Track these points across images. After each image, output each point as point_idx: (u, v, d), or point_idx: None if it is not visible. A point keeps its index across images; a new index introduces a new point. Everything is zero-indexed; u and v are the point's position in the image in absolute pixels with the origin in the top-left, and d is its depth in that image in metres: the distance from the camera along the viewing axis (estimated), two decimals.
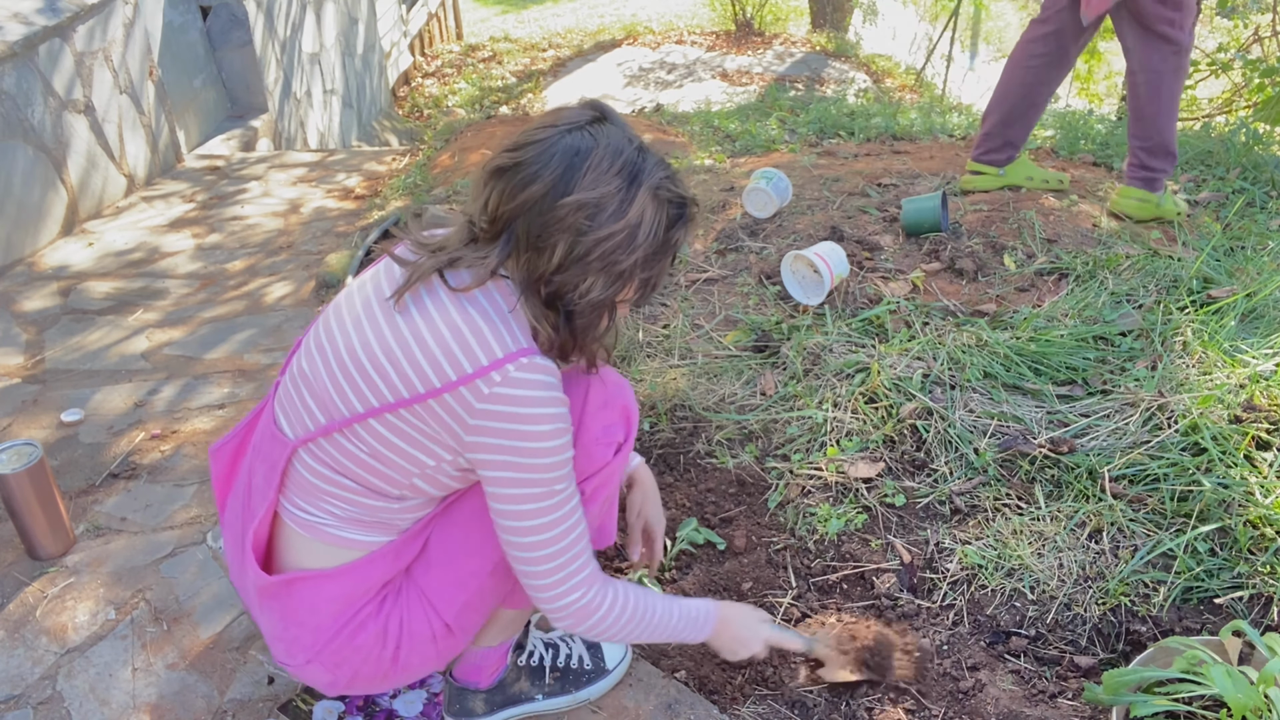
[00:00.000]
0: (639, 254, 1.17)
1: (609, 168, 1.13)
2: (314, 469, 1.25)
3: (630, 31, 10.53)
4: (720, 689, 1.67)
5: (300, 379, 1.27)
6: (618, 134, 1.17)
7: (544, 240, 1.14)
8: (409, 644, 1.33)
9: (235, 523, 1.39)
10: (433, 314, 1.17)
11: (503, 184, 1.16)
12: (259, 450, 1.34)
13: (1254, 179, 3.40)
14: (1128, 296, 2.53)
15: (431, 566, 1.33)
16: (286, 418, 1.29)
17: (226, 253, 3.57)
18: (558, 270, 1.15)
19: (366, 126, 7.23)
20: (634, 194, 1.15)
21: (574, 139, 1.14)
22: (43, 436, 2.37)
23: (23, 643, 1.77)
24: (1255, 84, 5.63)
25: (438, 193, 3.94)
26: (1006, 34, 14.75)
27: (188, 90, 4.76)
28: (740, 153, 4.24)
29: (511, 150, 1.17)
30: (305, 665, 1.31)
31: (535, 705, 1.59)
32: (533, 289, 1.18)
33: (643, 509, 1.65)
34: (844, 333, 2.45)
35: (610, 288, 1.18)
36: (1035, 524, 1.87)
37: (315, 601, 1.28)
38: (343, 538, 1.28)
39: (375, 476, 1.23)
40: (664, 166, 1.19)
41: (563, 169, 1.13)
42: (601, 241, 1.14)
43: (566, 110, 1.20)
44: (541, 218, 1.13)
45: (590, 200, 1.13)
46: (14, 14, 3.54)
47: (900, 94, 8.25)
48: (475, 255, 1.18)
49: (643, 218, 1.16)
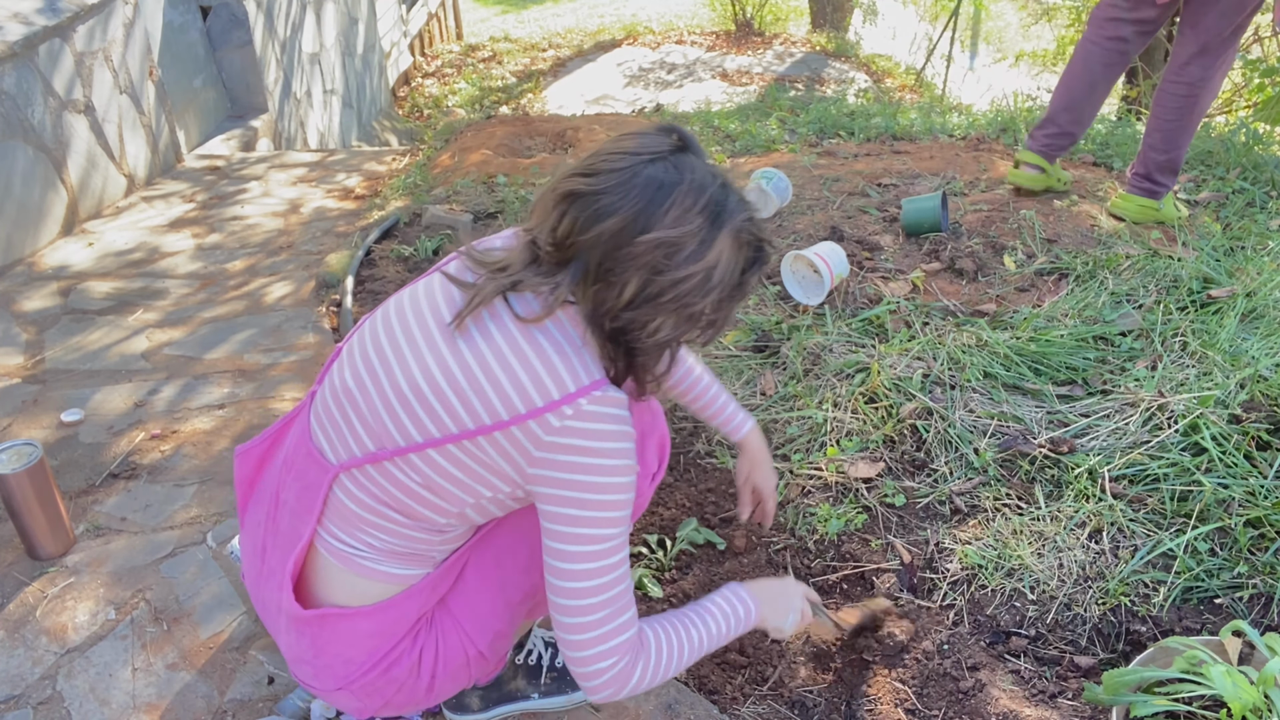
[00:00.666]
0: (713, 297, 1.12)
1: (692, 205, 1.08)
2: (357, 497, 1.20)
3: (630, 31, 10.53)
4: (720, 689, 1.67)
5: (345, 398, 1.20)
6: (701, 168, 1.12)
7: (616, 275, 1.08)
8: (444, 672, 1.31)
9: (256, 530, 1.36)
10: (499, 343, 1.11)
11: (577, 211, 1.09)
12: (293, 467, 1.29)
13: (1254, 179, 3.40)
14: (1128, 296, 2.53)
15: (468, 596, 1.31)
16: (327, 438, 1.23)
17: (226, 253, 3.57)
18: (627, 307, 1.09)
19: (366, 126, 7.23)
20: (715, 235, 1.09)
21: (656, 170, 1.09)
22: (43, 436, 2.37)
23: (23, 643, 1.77)
24: (1255, 84, 5.63)
25: (438, 193, 3.94)
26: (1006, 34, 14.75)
27: (188, 90, 4.76)
28: (740, 153, 4.24)
29: (588, 175, 1.10)
30: (335, 692, 1.29)
31: (530, 703, 1.59)
32: (597, 323, 1.12)
33: (750, 474, 1.69)
34: (844, 333, 2.45)
35: (679, 328, 1.13)
36: (1035, 524, 1.87)
37: (351, 638, 1.25)
38: (379, 570, 1.24)
39: (425, 507, 1.19)
40: (746, 206, 1.14)
41: (644, 203, 1.07)
42: (678, 283, 1.08)
43: (646, 135, 1.14)
44: (617, 252, 1.07)
45: (670, 239, 1.07)
46: (14, 14, 3.54)
47: (900, 94, 8.25)
48: (539, 280, 1.12)
49: (720, 260, 1.10)
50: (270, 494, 1.35)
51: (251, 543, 1.38)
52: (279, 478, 1.33)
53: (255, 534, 1.37)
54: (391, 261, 3.29)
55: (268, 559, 1.33)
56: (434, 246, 3.35)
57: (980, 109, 5.90)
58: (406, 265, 3.29)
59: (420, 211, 3.67)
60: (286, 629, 1.28)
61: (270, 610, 1.33)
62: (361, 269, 3.24)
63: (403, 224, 3.62)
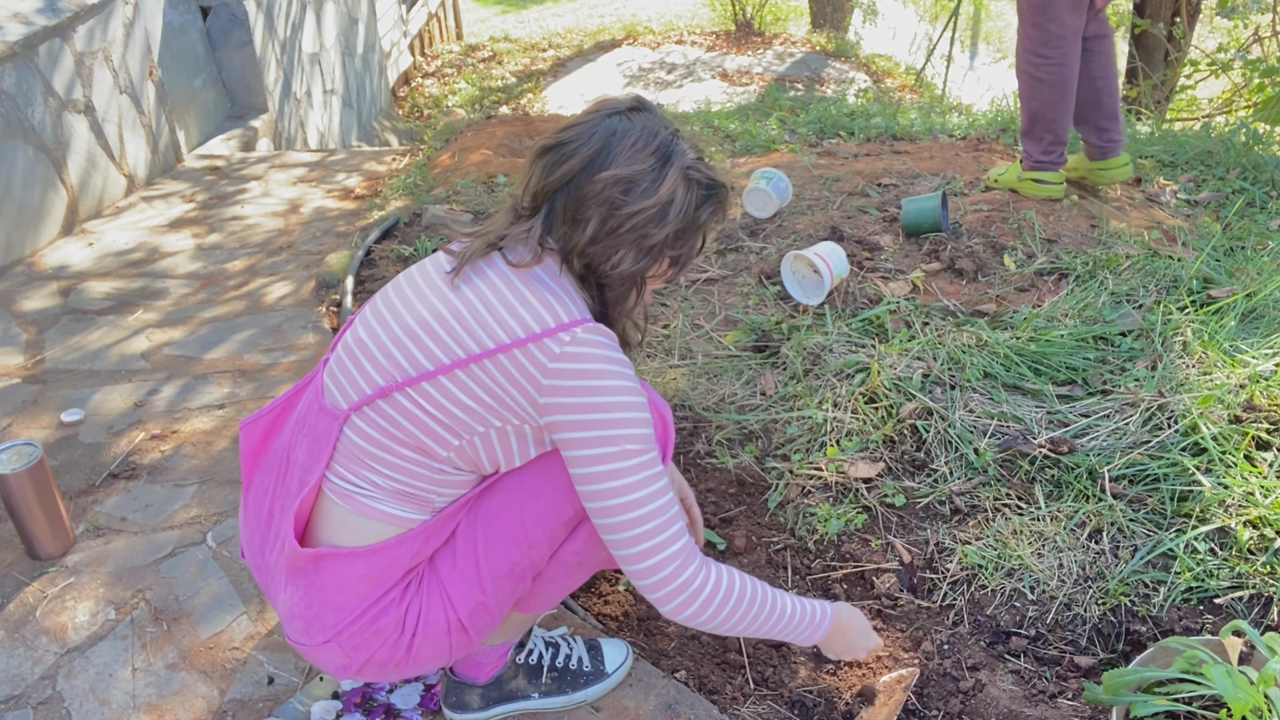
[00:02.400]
0: (669, 230, 1.24)
1: (644, 147, 1.22)
2: (366, 433, 1.26)
3: (630, 31, 10.53)
4: (720, 689, 1.67)
5: (357, 348, 1.29)
6: (653, 120, 1.26)
7: (580, 214, 1.22)
8: (424, 634, 1.33)
9: (264, 498, 1.38)
10: (495, 281, 1.23)
11: (544, 161, 1.25)
12: (304, 426, 1.34)
13: (1254, 179, 3.40)
14: (1128, 296, 2.53)
15: (454, 559, 1.34)
16: (340, 389, 1.29)
17: (226, 253, 3.57)
18: (591, 242, 1.23)
19: (366, 126, 7.23)
20: (666, 173, 1.23)
21: (613, 122, 1.24)
22: (43, 436, 2.37)
23: (23, 643, 1.77)
24: (1255, 84, 5.63)
25: (438, 193, 3.94)
26: (1006, 34, 14.75)
27: (188, 90, 4.76)
28: (740, 153, 4.24)
29: (557, 133, 1.26)
30: (322, 645, 1.31)
31: (530, 703, 1.59)
32: (568, 262, 1.25)
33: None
34: (844, 333, 2.45)
35: (640, 261, 1.25)
36: (1035, 524, 1.87)
37: (343, 580, 1.28)
38: (379, 510, 1.28)
39: (431, 439, 1.24)
40: (696, 150, 1.28)
41: (599, 146, 1.22)
42: (633, 215, 1.22)
43: (609, 98, 1.30)
44: (578, 192, 1.22)
45: (624, 176, 1.21)
46: (14, 14, 3.54)
47: (900, 94, 8.25)
48: (520, 230, 1.25)
49: (674, 196, 1.23)
50: (279, 459, 1.38)
51: (257, 511, 1.39)
52: (290, 439, 1.37)
53: (262, 501, 1.39)
54: (391, 262, 3.29)
55: (275, 523, 1.35)
56: (434, 247, 3.35)
57: (980, 109, 5.91)
58: (406, 265, 3.29)
59: (420, 211, 3.67)
60: (285, 584, 1.31)
61: (274, 575, 1.34)
62: (361, 269, 3.24)
63: (403, 224, 3.62)
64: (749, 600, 1.28)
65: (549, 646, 1.63)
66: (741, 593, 1.27)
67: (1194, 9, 6.73)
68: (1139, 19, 6.52)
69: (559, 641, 1.64)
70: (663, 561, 1.22)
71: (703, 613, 1.25)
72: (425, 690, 1.64)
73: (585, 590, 1.89)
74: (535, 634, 1.64)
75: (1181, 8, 6.51)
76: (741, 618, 1.28)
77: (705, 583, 1.24)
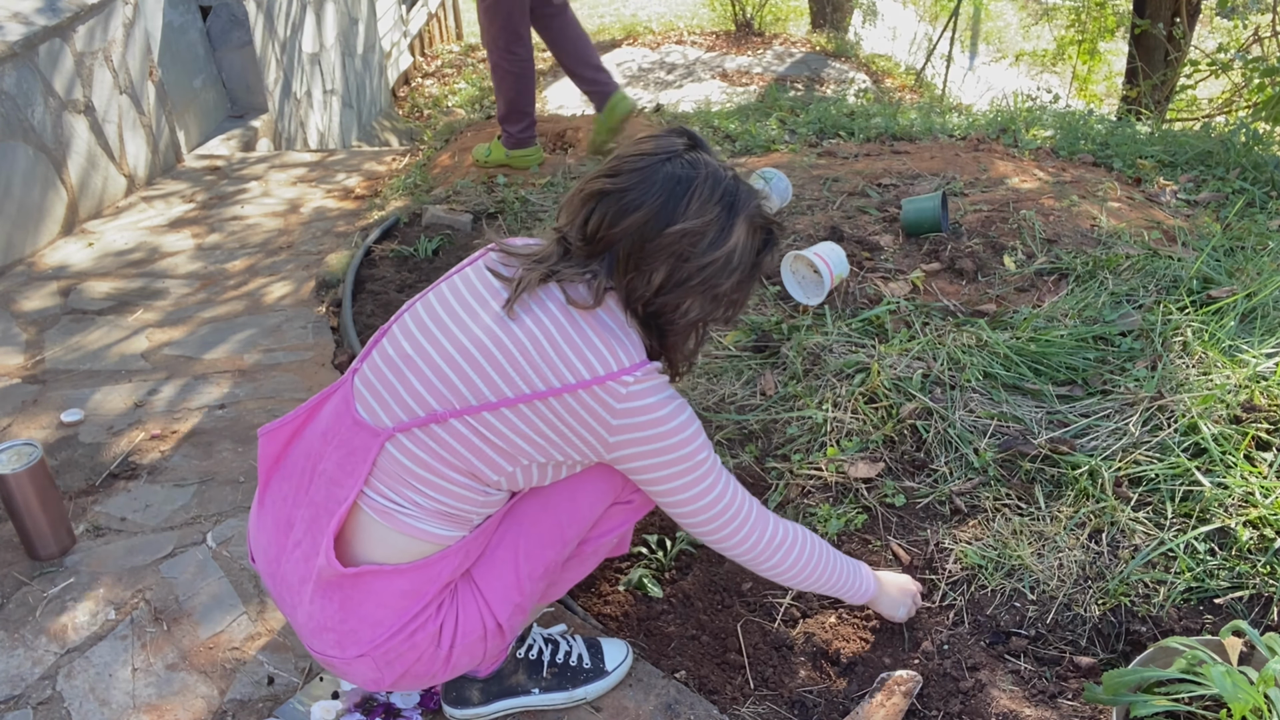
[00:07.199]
0: (735, 278, 1.27)
1: (709, 197, 1.22)
2: (414, 454, 1.25)
3: (630, 31, 10.53)
4: (720, 689, 1.67)
5: (402, 363, 1.27)
6: (713, 163, 1.26)
7: (646, 264, 1.23)
8: (462, 643, 1.34)
9: (282, 506, 1.37)
10: (559, 319, 1.23)
11: (604, 208, 1.23)
12: (333, 438, 1.32)
13: (1254, 179, 3.40)
14: (1128, 296, 2.53)
15: (491, 566, 1.35)
16: (380, 403, 1.28)
17: (226, 253, 3.57)
18: (659, 293, 1.25)
19: (366, 126, 7.23)
20: (733, 222, 1.24)
21: (674, 168, 1.23)
22: (43, 436, 2.37)
23: (23, 643, 1.77)
24: (1255, 84, 5.63)
25: (437, 193, 3.94)
26: (1006, 34, 14.76)
27: (188, 90, 4.76)
28: (740, 153, 4.24)
29: (612, 176, 1.24)
30: (355, 660, 1.30)
31: (530, 699, 1.59)
32: (632, 308, 1.27)
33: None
34: (844, 333, 2.45)
35: (706, 309, 1.29)
36: (1035, 524, 1.87)
37: (383, 596, 1.28)
38: (419, 529, 1.28)
39: (485, 464, 1.25)
40: (755, 194, 1.29)
41: (666, 197, 1.21)
42: (704, 268, 1.23)
43: (660, 138, 1.28)
44: (645, 243, 1.22)
45: (694, 229, 1.21)
46: (14, 14, 3.54)
47: (900, 94, 8.25)
48: (576, 271, 1.25)
49: (739, 244, 1.25)
50: (301, 469, 1.36)
51: (274, 519, 1.38)
52: (318, 450, 1.35)
53: (279, 509, 1.38)
54: (391, 261, 3.29)
55: (294, 532, 1.34)
56: (434, 247, 3.35)
57: (980, 109, 5.91)
58: (406, 265, 3.29)
59: (420, 211, 3.67)
60: (312, 597, 1.30)
61: (291, 584, 1.33)
62: (361, 269, 3.24)
63: (402, 224, 3.62)
64: (809, 552, 1.45)
65: (548, 643, 1.63)
66: (804, 546, 1.45)
67: (1194, 9, 6.74)
68: (1139, 19, 6.52)
69: (558, 639, 1.64)
70: (745, 535, 1.38)
71: (782, 563, 1.43)
72: (425, 690, 1.64)
73: (585, 590, 1.89)
74: (534, 631, 1.64)
75: (1181, 8, 6.52)
76: (809, 569, 1.46)
77: (775, 539, 1.41)
